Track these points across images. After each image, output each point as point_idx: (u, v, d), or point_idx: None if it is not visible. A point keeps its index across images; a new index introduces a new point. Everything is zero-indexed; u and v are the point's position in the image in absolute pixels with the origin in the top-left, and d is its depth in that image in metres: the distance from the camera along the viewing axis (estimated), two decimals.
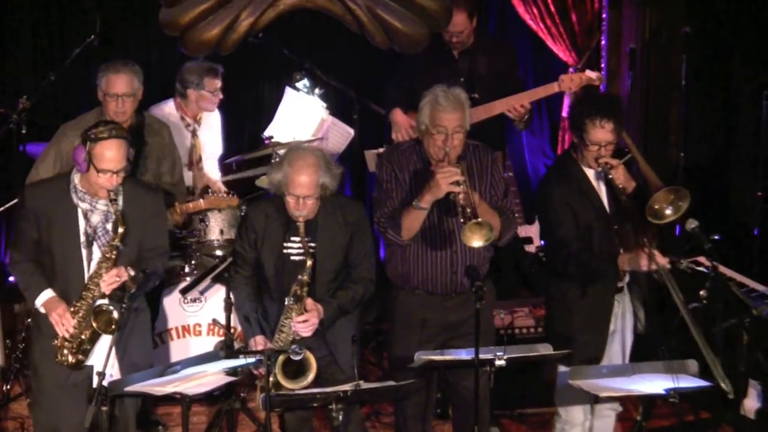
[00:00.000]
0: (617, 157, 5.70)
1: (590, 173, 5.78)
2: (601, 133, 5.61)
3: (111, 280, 5.41)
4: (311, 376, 5.63)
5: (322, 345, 5.75)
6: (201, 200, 6.88)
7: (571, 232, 5.73)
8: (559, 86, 7.34)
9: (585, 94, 6.09)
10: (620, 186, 5.60)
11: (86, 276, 5.50)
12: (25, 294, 5.58)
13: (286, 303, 5.64)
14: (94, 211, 5.49)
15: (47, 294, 5.48)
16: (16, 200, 6.63)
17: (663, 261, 5.48)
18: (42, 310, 5.49)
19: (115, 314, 5.32)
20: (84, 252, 5.49)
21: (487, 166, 5.84)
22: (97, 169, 5.35)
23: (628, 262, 5.61)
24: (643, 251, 5.52)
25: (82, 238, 5.48)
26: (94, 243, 5.50)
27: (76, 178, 5.50)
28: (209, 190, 7.23)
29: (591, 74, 7.31)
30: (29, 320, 6.01)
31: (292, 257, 5.72)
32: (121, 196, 5.48)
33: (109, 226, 5.49)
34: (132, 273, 5.43)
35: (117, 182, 5.40)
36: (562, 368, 5.81)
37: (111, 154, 5.35)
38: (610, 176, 5.60)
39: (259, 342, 5.71)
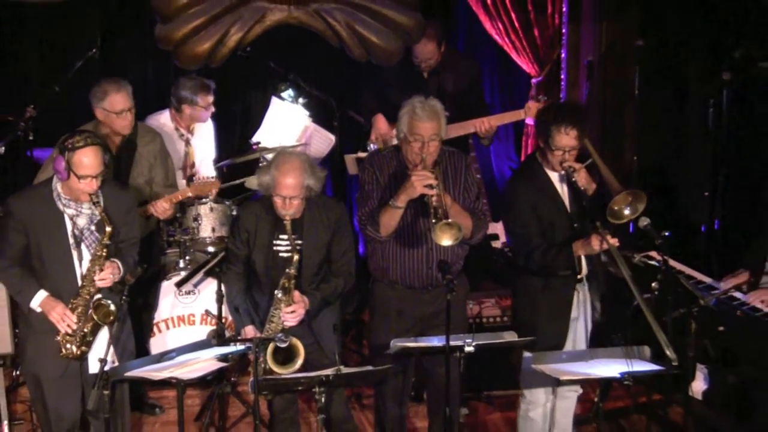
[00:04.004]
0: (579, 161, 5.82)
1: (554, 176, 5.90)
2: (566, 139, 5.74)
3: (105, 276, 5.59)
4: (299, 362, 5.83)
5: (308, 333, 5.95)
6: (187, 188, 6.93)
7: (532, 229, 5.86)
8: (525, 113, 7.57)
9: (552, 103, 6.26)
10: (582, 188, 5.73)
11: (78, 274, 5.62)
12: (17, 297, 5.71)
13: (275, 295, 5.82)
14: (80, 214, 5.60)
15: (42, 294, 5.60)
16: None
17: (613, 241, 5.57)
18: (38, 310, 5.61)
19: (113, 307, 5.54)
20: (74, 253, 5.61)
21: (461, 171, 5.97)
22: (77, 175, 5.45)
23: (582, 246, 5.73)
24: (595, 234, 5.64)
25: (71, 241, 5.60)
26: (82, 244, 5.62)
27: (58, 186, 5.58)
28: (193, 178, 7.28)
29: None
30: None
31: (281, 253, 5.91)
32: (101, 197, 5.59)
33: (94, 227, 5.62)
34: (121, 265, 5.62)
35: (97, 186, 5.50)
36: (526, 354, 5.98)
37: (88, 160, 5.45)
38: (574, 179, 5.73)
39: (248, 332, 5.90)
